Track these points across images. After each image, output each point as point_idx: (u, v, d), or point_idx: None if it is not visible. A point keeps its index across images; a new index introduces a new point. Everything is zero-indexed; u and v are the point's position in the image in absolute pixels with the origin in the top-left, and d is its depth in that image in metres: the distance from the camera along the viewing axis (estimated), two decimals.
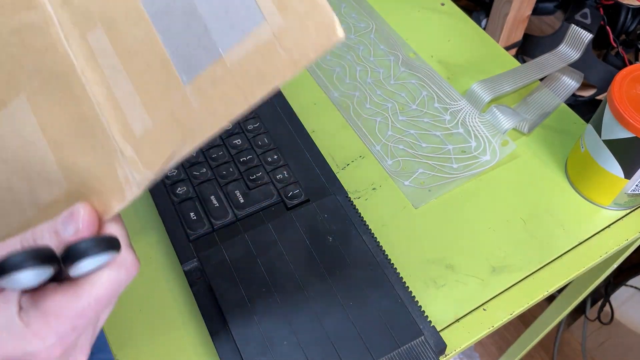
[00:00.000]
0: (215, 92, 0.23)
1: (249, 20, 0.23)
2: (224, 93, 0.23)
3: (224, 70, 0.23)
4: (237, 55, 0.23)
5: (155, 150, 0.24)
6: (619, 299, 0.97)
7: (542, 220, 0.46)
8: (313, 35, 0.22)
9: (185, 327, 0.40)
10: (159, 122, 0.24)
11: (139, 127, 0.25)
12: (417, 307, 0.39)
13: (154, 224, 0.45)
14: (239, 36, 0.23)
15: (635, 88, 0.41)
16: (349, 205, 0.44)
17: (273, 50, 0.22)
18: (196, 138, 0.24)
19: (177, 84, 0.24)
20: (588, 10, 0.68)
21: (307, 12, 0.22)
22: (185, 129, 0.24)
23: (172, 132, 0.24)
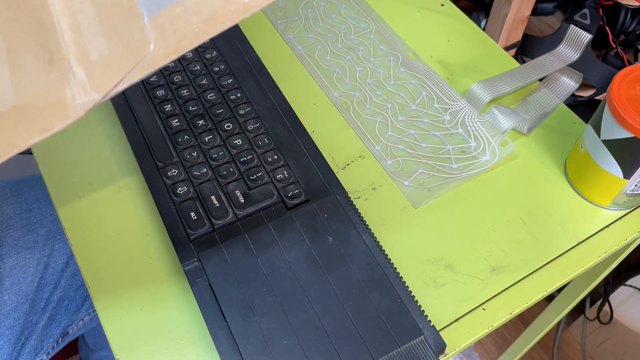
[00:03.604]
0: (170, 27, 0.25)
1: None
2: (179, 29, 0.25)
3: (182, 9, 0.25)
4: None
5: (106, 75, 0.26)
6: (618, 299, 0.97)
7: (541, 220, 0.46)
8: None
9: (185, 327, 0.40)
10: (115, 50, 0.26)
11: (95, 53, 0.26)
12: (416, 306, 0.39)
13: (154, 224, 0.45)
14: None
15: (635, 88, 0.41)
16: (349, 205, 0.44)
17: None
18: (146, 67, 0.25)
19: (138, 18, 0.26)
20: (587, 11, 0.68)
21: None
22: (138, 58, 0.25)
23: (125, 60, 0.25)
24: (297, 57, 0.57)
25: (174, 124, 0.48)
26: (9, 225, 0.60)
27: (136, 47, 0.25)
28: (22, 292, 0.58)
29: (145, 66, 0.25)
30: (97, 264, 0.43)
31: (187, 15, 0.25)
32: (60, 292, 0.61)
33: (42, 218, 0.62)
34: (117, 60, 0.25)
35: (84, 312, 0.64)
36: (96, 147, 0.50)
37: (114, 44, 0.26)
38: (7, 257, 0.58)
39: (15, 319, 0.57)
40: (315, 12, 0.61)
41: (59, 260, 0.61)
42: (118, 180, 0.48)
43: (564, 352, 1.08)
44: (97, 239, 0.45)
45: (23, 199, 0.62)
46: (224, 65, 0.53)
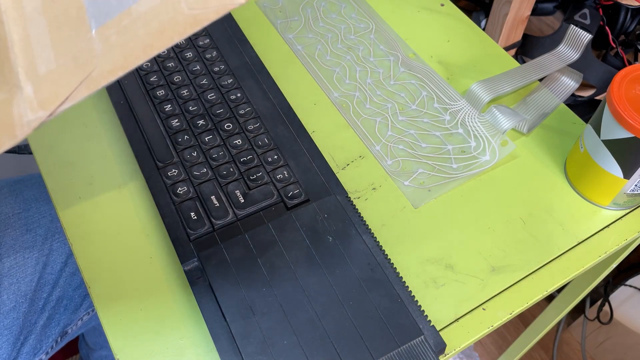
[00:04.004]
0: (117, 41, 0.24)
1: None
2: (125, 43, 0.24)
3: (130, 21, 0.24)
4: (144, 7, 0.24)
5: (53, 92, 0.25)
6: (618, 299, 0.97)
7: (541, 220, 0.46)
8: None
9: (185, 327, 0.40)
10: (62, 64, 0.25)
11: (43, 67, 0.25)
12: (416, 306, 0.39)
13: (154, 224, 0.45)
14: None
15: (635, 88, 0.41)
16: (349, 205, 0.44)
17: (177, 6, 0.23)
18: (94, 83, 0.24)
19: (86, 30, 0.25)
20: (587, 11, 0.68)
21: None
22: (84, 74, 0.25)
23: (71, 76, 0.25)
24: (297, 57, 0.57)
25: (174, 124, 0.48)
26: (8, 225, 0.60)
27: (83, 62, 0.25)
28: (20, 291, 0.58)
29: (91, 83, 0.24)
30: (97, 264, 0.43)
31: (134, 28, 0.24)
32: (59, 291, 0.61)
33: (41, 217, 0.62)
34: (64, 75, 0.25)
35: (83, 312, 0.64)
36: (96, 147, 0.50)
37: (62, 57, 0.25)
38: (6, 256, 0.58)
39: (14, 319, 0.57)
40: (315, 12, 0.61)
41: (57, 260, 0.61)
42: (118, 180, 0.48)
43: (564, 352, 1.08)
44: (97, 239, 0.44)
45: (22, 199, 0.62)
46: (224, 65, 0.53)
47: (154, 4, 0.24)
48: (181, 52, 0.54)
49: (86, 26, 0.25)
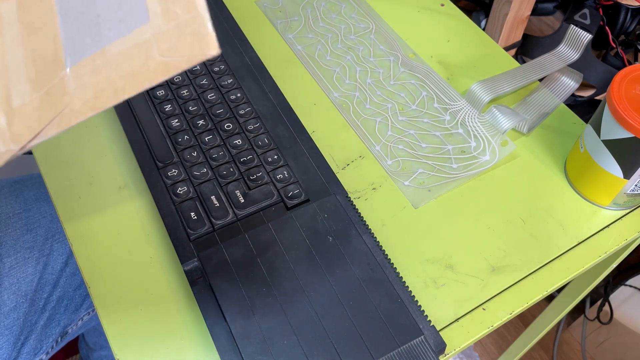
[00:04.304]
0: (90, 80, 0.24)
1: (136, 18, 0.24)
2: (97, 84, 0.24)
3: (103, 62, 0.24)
4: (117, 49, 0.24)
5: (25, 125, 0.25)
6: (618, 299, 0.97)
7: (541, 220, 0.46)
8: (189, 45, 0.22)
9: (185, 327, 0.40)
10: (36, 98, 0.25)
11: (17, 100, 0.25)
12: (416, 306, 0.39)
13: (154, 224, 0.45)
14: (124, 31, 0.24)
15: (635, 88, 0.41)
16: (349, 205, 0.44)
17: (149, 52, 0.23)
18: (64, 122, 0.24)
19: (61, 65, 0.25)
20: (587, 11, 0.68)
21: (188, 22, 0.22)
22: (56, 110, 0.24)
23: (44, 111, 0.25)
24: (297, 57, 0.57)
25: (174, 124, 0.48)
26: (8, 225, 0.60)
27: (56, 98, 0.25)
28: (21, 291, 0.58)
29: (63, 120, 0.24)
30: (97, 264, 0.43)
31: (107, 69, 0.24)
32: (60, 291, 0.61)
33: (41, 218, 0.62)
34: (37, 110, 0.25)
35: (83, 312, 0.64)
36: (96, 147, 0.50)
37: (36, 91, 0.25)
38: (6, 256, 0.58)
39: (15, 319, 0.57)
40: (315, 12, 0.61)
41: (58, 260, 0.61)
42: (118, 180, 0.48)
43: (564, 352, 1.08)
44: (97, 239, 0.45)
45: (22, 199, 0.62)
46: (224, 65, 0.53)
47: (127, 47, 0.24)
48: None
49: (61, 63, 0.25)
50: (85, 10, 0.25)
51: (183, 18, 0.22)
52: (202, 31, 0.22)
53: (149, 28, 0.23)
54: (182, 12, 0.22)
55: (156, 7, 0.23)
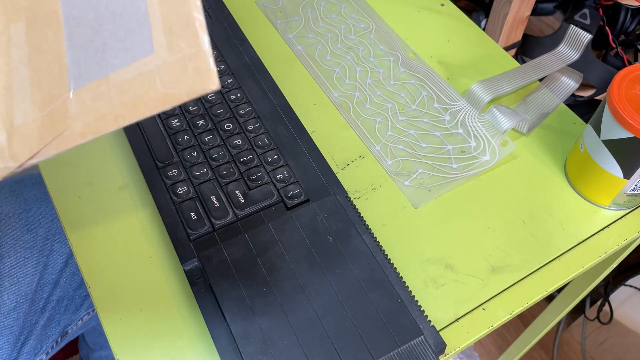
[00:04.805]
0: (92, 105, 0.25)
1: (141, 49, 0.24)
2: (99, 109, 0.24)
3: (106, 88, 0.25)
4: (121, 77, 0.24)
5: (25, 144, 0.25)
6: (618, 299, 0.97)
7: (541, 220, 0.46)
8: (191, 79, 0.23)
9: (185, 327, 0.40)
10: (38, 118, 0.26)
11: (19, 118, 0.26)
12: (416, 306, 0.39)
13: (154, 224, 0.45)
14: (129, 60, 0.24)
15: (635, 88, 0.41)
16: (349, 205, 0.44)
17: (152, 82, 0.24)
18: (64, 144, 0.25)
19: (64, 88, 0.25)
20: (587, 11, 0.68)
21: (191, 57, 0.23)
22: (57, 131, 0.25)
23: (45, 132, 0.25)
24: (297, 57, 0.57)
25: (174, 124, 0.48)
26: (8, 225, 0.60)
27: (58, 119, 0.25)
28: (21, 291, 0.58)
29: (62, 142, 0.25)
30: (97, 264, 0.43)
31: (109, 96, 0.24)
32: (60, 291, 0.61)
33: (41, 218, 0.62)
34: (38, 130, 0.25)
35: (83, 312, 0.64)
36: (96, 147, 0.50)
37: (39, 111, 0.26)
38: (6, 256, 0.58)
39: (15, 319, 0.57)
40: (315, 12, 0.61)
41: (58, 260, 0.61)
42: (118, 180, 0.48)
43: (564, 352, 1.08)
44: (97, 239, 0.45)
45: (22, 199, 0.62)
46: (224, 65, 0.53)
47: (131, 76, 0.24)
48: None
49: (65, 85, 0.25)
50: (92, 38, 0.26)
51: (187, 52, 0.23)
52: (203, 67, 0.23)
53: (153, 59, 0.24)
54: (186, 46, 0.23)
55: (161, 39, 0.24)
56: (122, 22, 0.25)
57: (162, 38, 0.24)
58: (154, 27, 0.24)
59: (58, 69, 0.26)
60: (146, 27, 0.24)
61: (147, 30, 0.24)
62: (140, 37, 0.24)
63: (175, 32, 0.24)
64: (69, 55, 0.26)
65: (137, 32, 0.25)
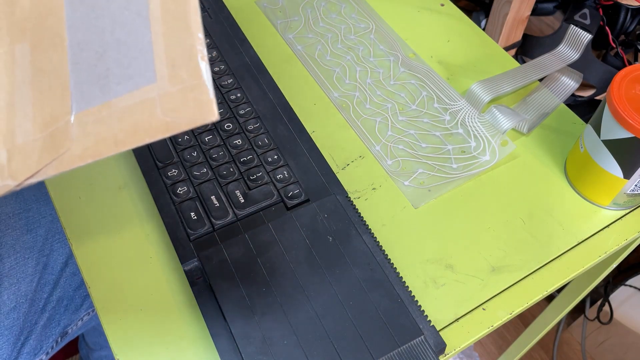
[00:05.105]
0: (93, 129, 0.25)
1: (144, 77, 0.25)
2: (100, 134, 0.25)
3: (108, 114, 0.25)
4: (123, 103, 0.25)
5: (25, 164, 0.26)
6: (618, 299, 0.97)
7: (541, 220, 0.46)
8: (191, 109, 0.23)
9: (185, 327, 0.40)
10: (39, 138, 0.26)
11: (20, 137, 0.26)
12: (416, 306, 0.39)
13: (154, 224, 0.45)
14: (131, 88, 0.25)
15: (635, 88, 0.41)
16: (349, 205, 0.44)
17: (153, 111, 0.24)
18: (63, 165, 0.25)
19: (67, 111, 0.26)
20: (587, 11, 0.68)
21: (192, 88, 0.24)
22: (57, 153, 0.25)
23: (45, 152, 0.26)
24: (297, 57, 0.57)
25: None
26: (8, 225, 0.60)
27: (58, 141, 0.25)
28: (21, 291, 0.58)
29: (61, 164, 0.25)
30: (97, 264, 0.43)
31: (111, 120, 0.25)
32: (60, 291, 0.61)
33: (41, 218, 0.62)
34: (38, 150, 0.25)
35: (83, 312, 0.64)
36: None
37: (40, 131, 0.26)
38: (6, 257, 0.58)
39: (15, 319, 0.57)
40: (315, 12, 0.61)
41: (58, 260, 0.61)
42: (118, 180, 0.48)
43: (564, 352, 1.08)
44: (97, 239, 0.44)
45: (22, 199, 0.62)
46: (224, 65, 0.53)
47: (132, 103, 0.25)
48: None
49: (67, 108, 0.26)
50: (96, 63, 0.26)
51: (188, 83, 0.24)
52: (204, 98, 0.23)
53: (155, 88, 0.24)
54: (188, 77, 0.24)
55: (164, 69, 0.24)
56: (127, 50, 0.26)
57: (164, 68, 0.24)
58: (157, 57, 0.25)
59: (61, 91, 0.26)
60: (149, 56, 0.25)
61: (150, 60, 0.25)
62: (143, 65, 0.25)
63: (178, 63, 0.24)
64: (72, 79, 0.26)
65: (140, 61, 0.25)
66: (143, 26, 0.26)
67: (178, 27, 0.25)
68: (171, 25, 0.25)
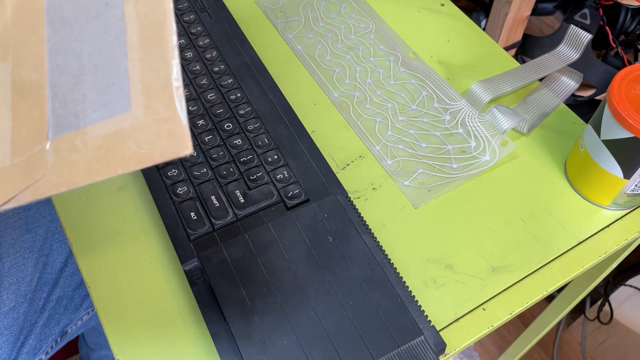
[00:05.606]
0: (68, 157, 0.25)
1: (119, 105, 0.24)
2: (74, 162, 0.25)
3: (82, 142, 0.25)
4: (97, 132, 0.25)
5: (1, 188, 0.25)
6: (618, 299, 0.97)
7: (541, 220, 0.46)
8: (164, 142, 0.23)
9: (185, 327, 0.40)
10: (15, 164, 0.26)
11: None
12: (416, 306, 0.39)
13: (154, 224, 0.45)
14: (106, 116, 0.25)
15: (635, 88, 0.41)
16: (349, 205, 0.44)
17: (126, 141, 0.24)
18: (38, 192, 0.25)
19: (43, 136, 0.26)
20: (587, 11, 0.68)
21: (166, 120, 0.23)
22: (31, 180, 0.25)
23: (21, 178, 0.25)
24: (297, 57, 0.57)
25: None
26: (8, 225, 0.60)
27: (34, 167, 0.25)
28: (20, 291, 0.58)
29: (37, 191, 0.25)
30: (97, 264, 0.43)
31: (85, 150, 0.24)
32: (59, 291, 0.61)
33: (41, 217, 0.62)
34: (15, 176, 0.25)
35: (82, 312, 0.64)
36: None
37: (17, 156, 0.26)
38: (6, 256, 0.58)
39: (14, 319, 0.57)
40: (315, 12, 0.61)
41: (57, 260, 0.61)
42: (118, 180, 0.48)
43: (564, 352, 1.08)
44: (97, 239, 0.44)
45: None
46: (224, 65, 0.53)
47: (106, 132, 0.24)
48: (181, 52, 0.54)
49: (44, 133, 0.26)
50: (74, 87, 0.26)
51: (162, 115, 0.23)
52: (178, 131, 0.23)
53: (129, 117, 0.24)
54: (162, 109, 0.23)
55: (138, 98, 0.24)
56: (103, 76, 0.25)
57: (139, 97, 0.24)
58: (133, 85, 0.24)
59: (38, 115, 0.26)
60: (125, 84, 0.25)
61: (126, 87, 0.24)
62: (119, 93, 0.25)
63: (153, 93, 0.24)
64: (50, 102, 0.26)
65: (116, 88, 0.25)
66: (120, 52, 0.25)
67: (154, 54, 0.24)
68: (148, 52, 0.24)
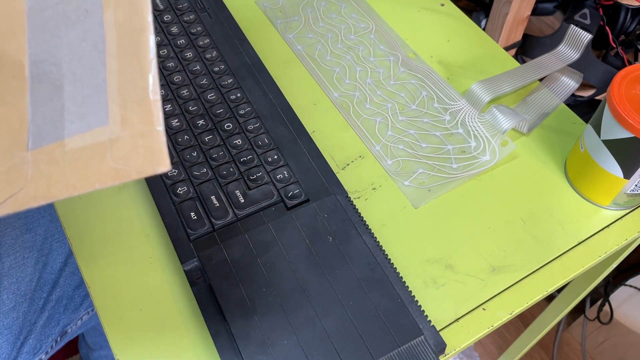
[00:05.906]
0: (46, 170, 0.25)
1: (96, 117, 0.24)
2: (52, 175, 0.24)
3: (61, 154, 0.24)
4: (75, 144, 0.24)
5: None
6: (618, 299, 0.97)
7: (541, 220, 0.46)
8: (141, 158, 0.23)
9: (185, 327, 0.40)
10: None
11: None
12: (416, 306, 0.39)
13: (154, 224, 0.45)
14: (83, 128, 0.24)
15: (635, 88, 0.41)
16: (349, 205, 0.44)
17: (103, 155, 0.23)
18: (17, 204, 0.25)
19: (23, 146, 0.25)
20: (587, 11, 0.68)
21: (143, 134, 0.23)
22: (11, 191, 0.25)
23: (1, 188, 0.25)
24: (297, 57, 0.57)
25: (174, 124, 0.48)
26: (7, 225, 0.60)
27: (13, 178, 0.25)
28: (20, 291, 0.58)
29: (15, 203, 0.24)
30: (97, 264, 0.43)
31: (63, 163, 0.24)
32: (59, 291, 0.61)
33: (41, 217, 0.62)
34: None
35: (82, 311, 0.64)
36: None
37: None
38: (6, 256, 0.58)
39: (14, 319, 0.57)
40: (315, 12, 0.61)
41: (57, 259, 0.61)
42: None
43: (564, 352, 1.08)
44: (97, 239, 0.44)
45: None
46: (224, 65, 0.53)
47: (84, 145, 0.24)
48: (181, 52, 0.54)
49: (24, 143, 0.25)
50: (53, 96, 0.25)
51: (138, 129, 0.23)
52: (155, 147, 0.22)
53: (106, 130, 0.24)
54: (139, 123, 0.23)
55: (116, 111, 0.24)
56: (81, 86, 0.25)
57: (116, 110, 0.24)
58: (110, 96, 0.24)
59: (19, 124, 0.26)
60: (103, 95, 0.24)
61: (104, 99, 0.24)
62: (96, 104, 0.24)
63: (130, 106, 0.23)
64: (30, 111, 0.26)
65: (94, 99, 0.24)
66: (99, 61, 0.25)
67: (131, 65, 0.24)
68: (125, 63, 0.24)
